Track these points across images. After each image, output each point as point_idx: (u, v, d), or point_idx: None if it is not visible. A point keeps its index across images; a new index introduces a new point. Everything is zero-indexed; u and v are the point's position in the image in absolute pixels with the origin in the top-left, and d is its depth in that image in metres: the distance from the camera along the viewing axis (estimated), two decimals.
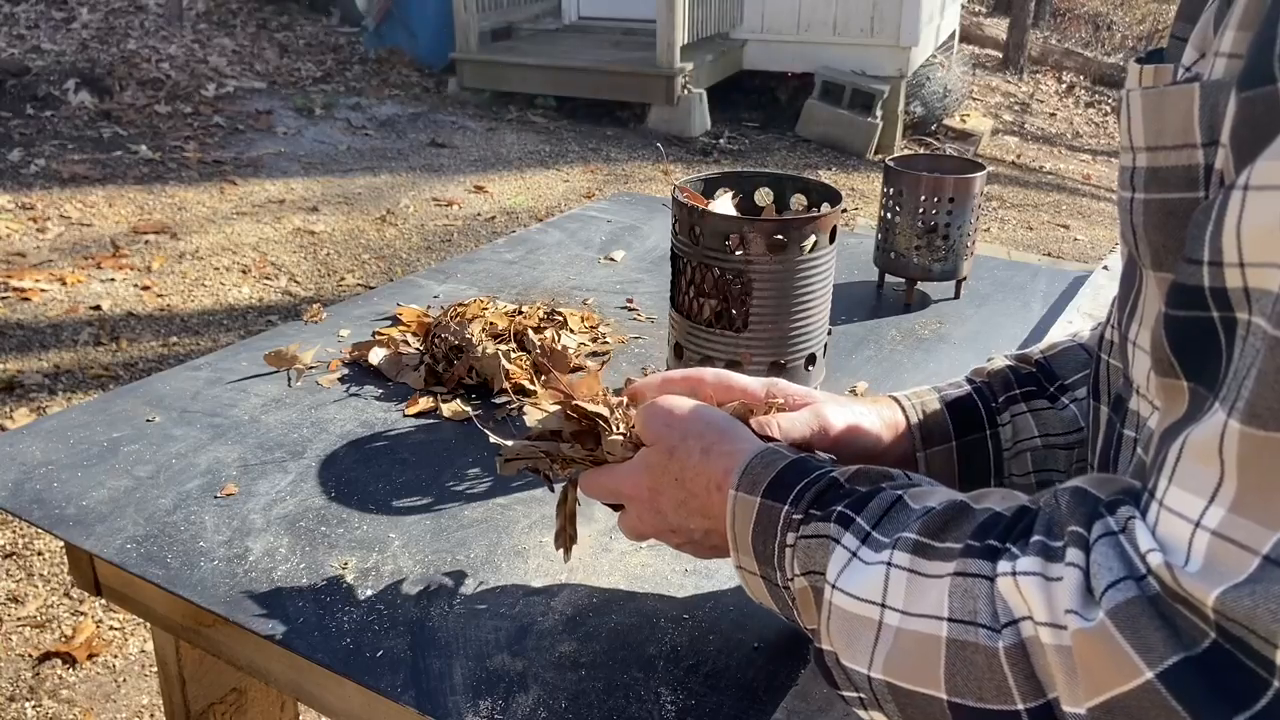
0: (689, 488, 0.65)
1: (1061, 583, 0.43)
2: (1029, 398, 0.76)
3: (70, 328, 3.45)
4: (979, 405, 0.76)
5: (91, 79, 5.90)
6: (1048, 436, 0.75)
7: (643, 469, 0.68)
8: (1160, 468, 0.42)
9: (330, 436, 1.05)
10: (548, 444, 0.76)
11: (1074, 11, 12.94)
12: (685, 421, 0.67)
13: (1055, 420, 0.75)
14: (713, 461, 0.64)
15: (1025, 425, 0.75)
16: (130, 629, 2.18)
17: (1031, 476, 0.76)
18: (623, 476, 0.71)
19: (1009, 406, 0.76)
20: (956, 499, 0.52)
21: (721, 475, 0.63)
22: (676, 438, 0.66)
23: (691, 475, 0.65)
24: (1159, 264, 0.45)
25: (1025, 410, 0.75)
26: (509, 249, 1.65)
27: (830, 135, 6.74)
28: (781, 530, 0.58)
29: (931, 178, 1.36)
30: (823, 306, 1.05)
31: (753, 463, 0.61)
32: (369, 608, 0.80)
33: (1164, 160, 0.44)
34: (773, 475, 0.60)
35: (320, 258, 4.21)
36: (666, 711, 0.70)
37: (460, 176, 5.42)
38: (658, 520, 0.69)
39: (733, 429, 0.66)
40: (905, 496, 0.54)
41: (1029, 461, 0.75)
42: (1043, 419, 0.75)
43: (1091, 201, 6.53)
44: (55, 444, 1.02)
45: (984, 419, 0.75)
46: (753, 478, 0.60)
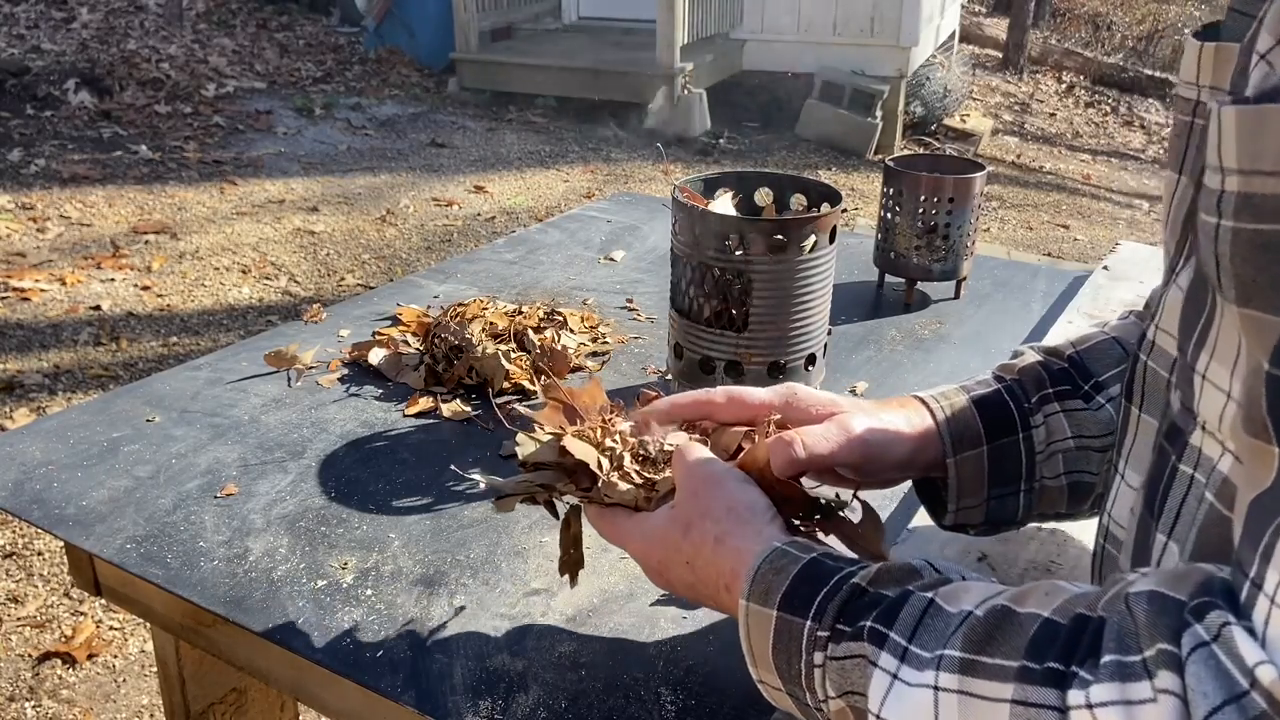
0: (699, 574, 0.61)
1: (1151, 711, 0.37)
2: (1062, 397, 0.72)
3: (70, 328, 3.45)
4: (1011, 406, 0.71)
5: (91, 79, 5.90)
6: (1082, 438, 0.71)
7: (656, 539, 0.64)
8: (1267, 556, 0.37)
9: (330, 436, 1.05)
10: (542, 475, 0.71)
11: (1074, 11, 12.94)
12: (709, 497, 0.61)
13: (1090, 421, 0.71)
14: (723, 556, 0.59)
15: (1059, 426, 0.71)
16: (130, 629, 2.18)
17: (1063, 478, 0.72)
18: (632, 536, 0.66)
19: (1042, 406, 0.72)
20: (996, 603, 0.46)
21: (730, 575, 0.59)
22: (696, 514, 0.61)
23: (702, 564, 0.61)
24: (1246, 299, 0.41)
25: (1059, 410, 0.72)
26: (509, 249, 1.65)
27: (830, 135, 6.74)
28: (807, 649, 0.52)
29: (931, 178, 1.36)
30: (823, 306, 1.05)
31: (762, 568, 0.56)
32: (369, 608, 0.80)
33: (1261, 187, 0.40)
34: (786, 584, 0.54)
35: (320, 258, 4.21)
36: (666, 711, 0.70)
37: (460, 176, 5.42)
38: (666, 587, 0.66)
39: (752, 515, 0.60)
40: (937, 599, 0.49)
41: (1061, 463, 0.72)
42: (1077, 419, 0.71)
43: (1091, 201, 6.53)
44: (55, 444, 1.02)
45: (1016, 420, 0.71)
46: (764, 586, 0.55)
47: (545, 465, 0.70)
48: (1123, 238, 5.41)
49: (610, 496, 0.67)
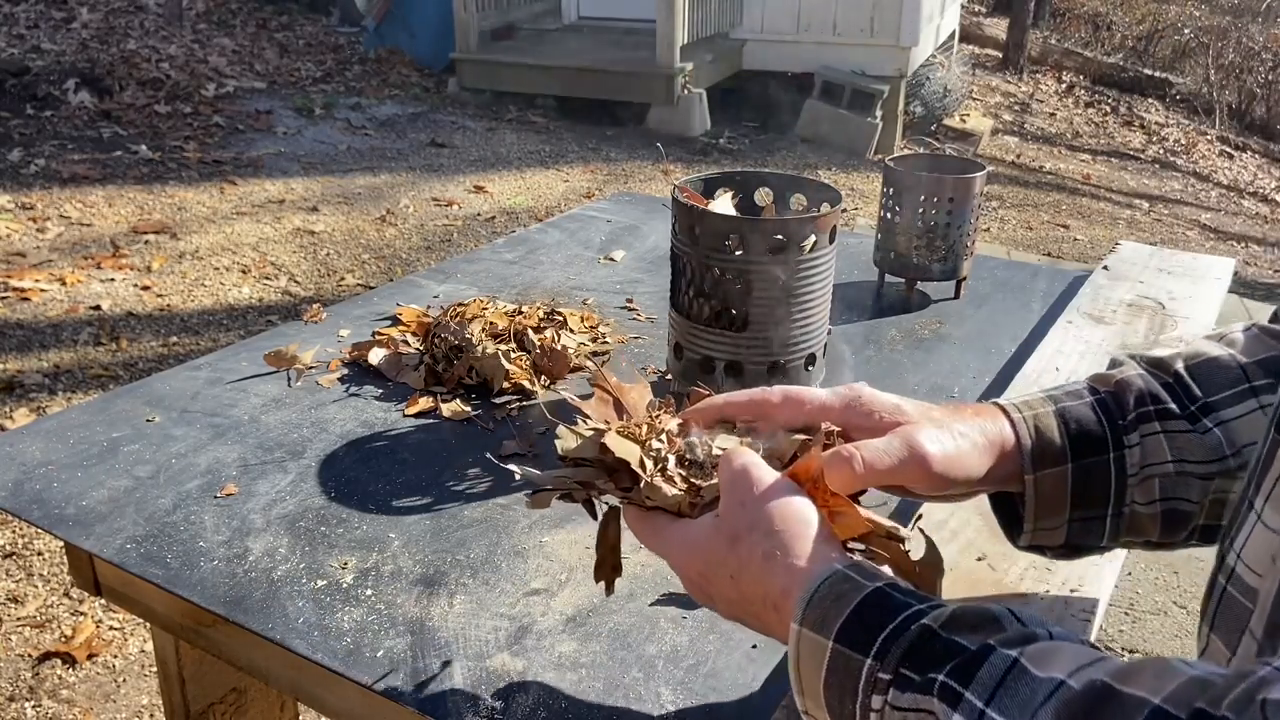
0: (743, 590, 0.57)
1: None
2: (1164, 416, 0.65)
3: (70, 328, 3.45)
4: (1102, 422, 0.65)
5: (91, 79, 5.90)
6: (1183, 463, 0.64)
7: (700, 549, 0.59)
8: None
9: (330, 436, 1.05)
10: (581, 472, 0.66)
11: (1074, 11, 12.94)
12: (758, 508, 0.56)
13: (1195, 446, 0.64)
14: (773, 574, 0.54)
15: (1156, 448, 0.64)
16: (130, 629, 2.18)
17: (1157, 505, 0.65)
18: (673, 543, 0.61)
19: (1139, 425, 0.64)
20: (1096, 678, 0.41)
21: (779, 594, 0.54)
22: (744, 525, 0.56)
23: (748, 580, 0.56)
24: None
25: (1159, 430, 0.64)
26: (509, 249, 1.65)
27: (830, 135, 6.74)
28: (865, 690, 0.48)
29: (931, 178, 1.36)
30: (823, 306, 1.05)
31: (819, 591, 0.51)
32: (369, 608, 0.80)
33: None
34: (847, 613, 0.49)
35: (320, 258, 4.21)
36: (666, 711, 0.70)
37: (460, 176, 5.42)
38: (706, 601, 0.61)
39: (806, 531, 0.55)
40: (1023, 660, 0.44)
41: (1156, 489, 0.64)
42: (1179, 443, 0.64)
43: (1091, 201, 6.53)
44: (55, 444, 1.02)
45: (1108, 439, 0.64)
46: (821, 613, 0.50)
47: (585, 461, 0.66)
48: (1123, 238, 5.42)
49: (652, 499, 0.63)
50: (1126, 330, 1.29)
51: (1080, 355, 1.21)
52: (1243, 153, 9.18)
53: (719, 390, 0.69)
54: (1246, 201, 7.60)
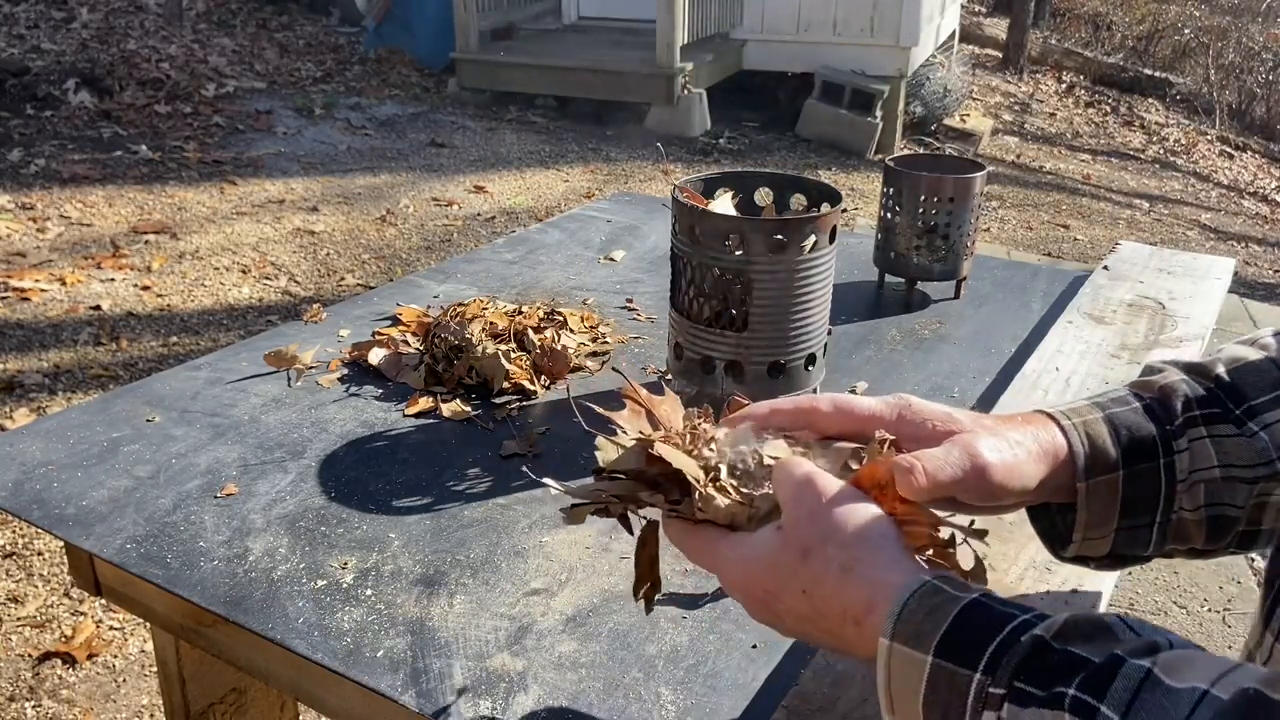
0: (818, 607, 0.54)
1: None
2: (1211, 421, 0.64)
3: (70, 328, 3.45)
4: (1152, 428, 0.64)
5: (91, 79, 5.90)
6: (1230, 467, 0.64)
7: (765, 564, 0.56)
8: None
9: (330, 436, 1.05)
10: (620, 485, 0.63)
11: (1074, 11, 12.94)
12: (830, 519, 0.54)
13: (1242, 449, 0.63)
14: (852, 586, 0.52)
15: (1204, 453, 0.64)
16: (130, 629, 2.18)
17: (1203, 511, 0.65)
18: (731, 560, 0.58)
19: (1187, 430, 0.64)
20: (1246, 686, 0.39)
21: (862, 609, 0.51)
22: (816, 538, 0.54)
23: (824, 595, 0.53)
24: None
25: (1205, 436, 0.64)
26: (509, 249, 1.65)
27: (830, 135, 6.74)
28: (974, 707, 0.45)
29: (931, 178, 1.36)
30: (823, 306, 1.05)
31: (910, 604, 0.49)
32: (369, 608, 0.80)
33: None
34: (945, 626, 0.47)
35: (320, 258, 4.21)
36: (666, 711, 0.70)
37: (460, 176, 5.42)
38: (771, 620, 0.58)
39: (884, 542, 0.53)
40: (1156, 670, 0.42)
41: (1202, 494, 0.64)
42: (1225, 447, 0.64)
43: (1091, 201, 6.53)
44: (55, 444, 1.02)
45: (1158, 445, 0.63)
46: (914, 627, 0.48)
47: (623, 474, 0.63)
48: (1123, 238, 5.42)
49: (705, 512, 0.60)
50: (1126, 330, 1.29)
51: (1080, 355, 1.21)
52: (1243, 153, 9.18)
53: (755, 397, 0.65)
54: (1246, 201, 7.61)
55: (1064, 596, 0.79)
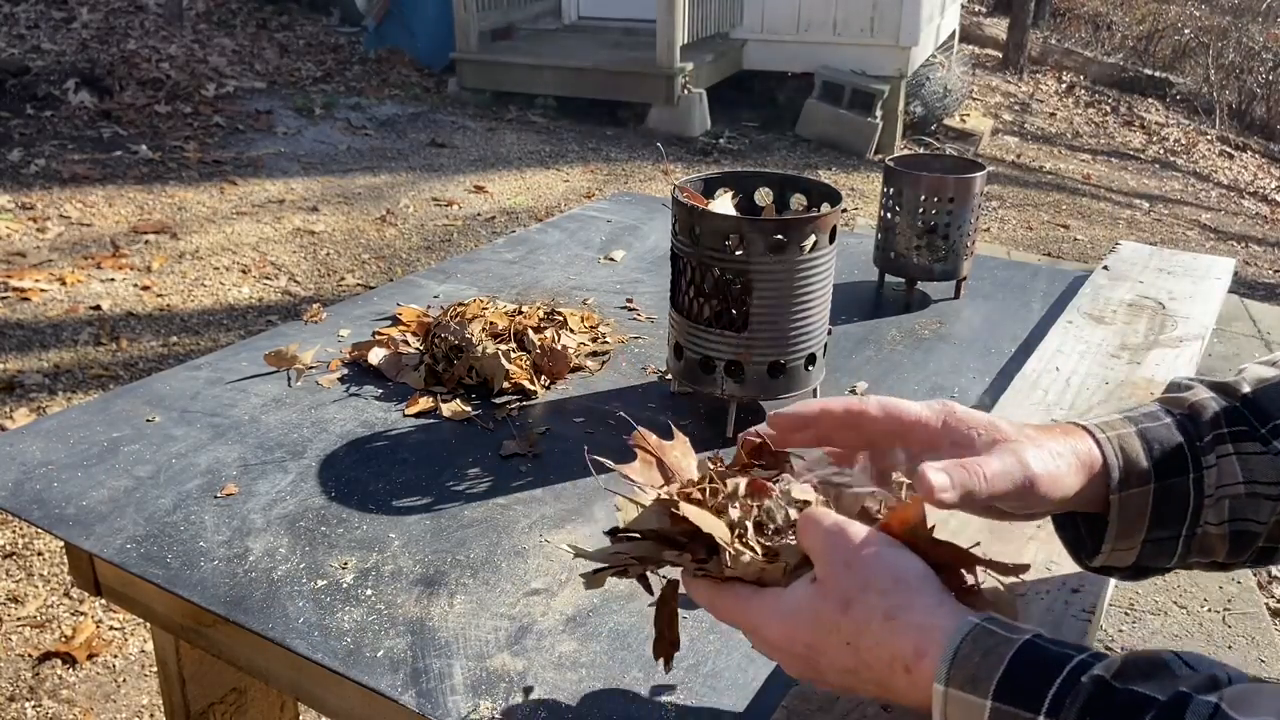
0: (864, 658, 0.53)
1: None
2: (1238, 438, 0.66)
3: (70, 328, 3.45)
4: (1184, 444, 0.66)
5: (91, 79, 5.90)
6: (1254, 484, 0.65)
7: (804, 619, 0.55)
8: None
9: (330, 436, 1.05)
10: (642, 547, 0.61)
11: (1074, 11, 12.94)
12: (867, 567, 0.53)
13: (1267, 467, 0.65)
14: (900, 633, 0.51)
15: (1230, 470, 0.66)
16: (130, 629, 2.18)
17: (1226, 526, 0.67)
18: (766, 616, 0.57)
19: (1215, 447, 0.66)
20: None
21: (913, 655, 0.51)
22: (856, 587, 0.53)
23: (870, 645, 0.53)
24: None
25: (1232, 452, 0.66)
26: (509, 249, 1.65)
27: (830, 135, 6.74)
28: None
29: (931, 178, 1.36)
30: (823, 306, 1.05)
31: (963, 648, 0.49)
32: (369, 608, 0.80)
33: None
34: (1003, 668, 0.47)
35: (320, 258, 4.21)
36: (666, 711, 0.70)
37: (460, 176, 5.42)
38: (814, 675, 0.57)
39: (924, 585, 0.53)
40: (1224, 707, 0.42)
41: (1226, 509, 0.66)
42: (1250, 464, 0.66)
43: (1091, 201, 6.53)
44: (55, 444, 1.02)
45: (1189, 460, 0.65)
46: (970, 671, 0.48)
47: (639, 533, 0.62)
48: (1123, 238, 5.42)
49: (733, 569, 0.58)
50: (1126, 330, 1.29)
51: (1080, 355, 1.21)
52: (1243, 153, 9.18)
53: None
54: (1246, 201, 7.61)
55: (1064, 596, 0.79)
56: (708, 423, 1.10)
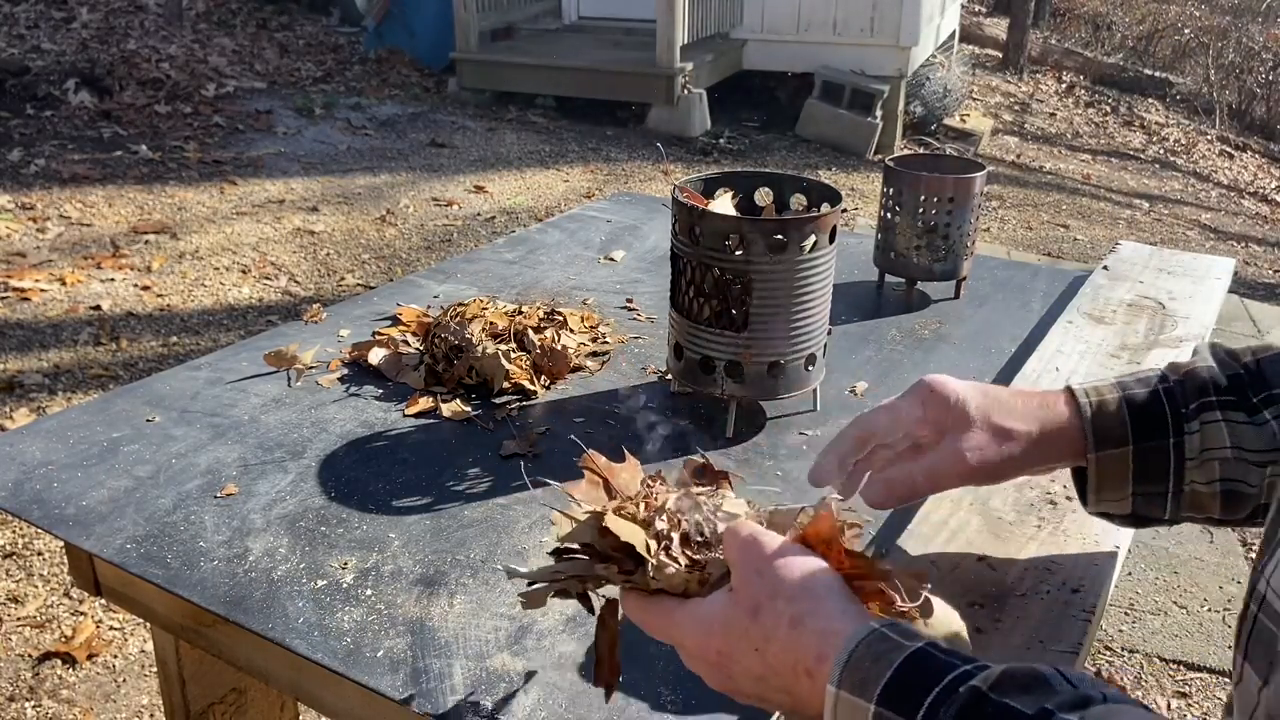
0: (770, 663, 0.54)
1: None
2: (1226, 406, 0.69)
3: (70, 328, 3.45)
4: (1165, 408, 0.70)
5: (91, 79, 5.90)
6: (1240, 450, 0.69)
7: (717, 626, 0.57)
8: None
9: (330, 436, 1.05)
10: (577, 565, 0.62)
11: (1074, 11, 12.94)
12: (777, 575, 0.55)
13: (1251, 435, 0.69)
14: (803, 638, 0.53)
15: (1216, 434, 0.69)
16: (130, 629, 2.18)
17: (1217, 485, 0.70)
18: (685, 626, 0.58)
19: (1200, 414, 0.69)
20: None
21: (813, 660, 0.52)
22: (765, 595, 0.54)
23: (776, 650, 0.54)
24: None
25: (1220, 419, 0.69)
26: (509, 249, 1.65)
27: (830, 135, 6.74)
28: None
29: (931, 178, 1.36)
30: (823, 306, 1.05)
31: (857, 652, 0.50)
32: (369, 608, 0.80)
33: None
34: (889, 674, 0.48)
35: (320, 258, 4.21)
36: (666, 712, 0.70)
37: (460, 176, 5.42)
38: (727, 684, 0.59)
39: (830, 593, 0.54)
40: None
41: (1216, 470, 0.69)
42: (1237, 431, 0.69)
43: (1091, 201, 6.53)
44: (55, 444, 1.02)
45: (1169, 424, 0.69)
46: (860, 675, 0.49)
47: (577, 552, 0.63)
48: (1123, 237, 5.42)
49: (658, 581, 0.59)
50: (1126, 330, 1.29)
51: (1080, 355, 1.21)
52: (1243, 153, 9.18)
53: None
54: (1246, 201, 7.61)
55: (1064, 596, 0.79)
56: (707, 423, 1.10)
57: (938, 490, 0.74)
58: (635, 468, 0.67)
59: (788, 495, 0.96)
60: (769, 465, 1.02)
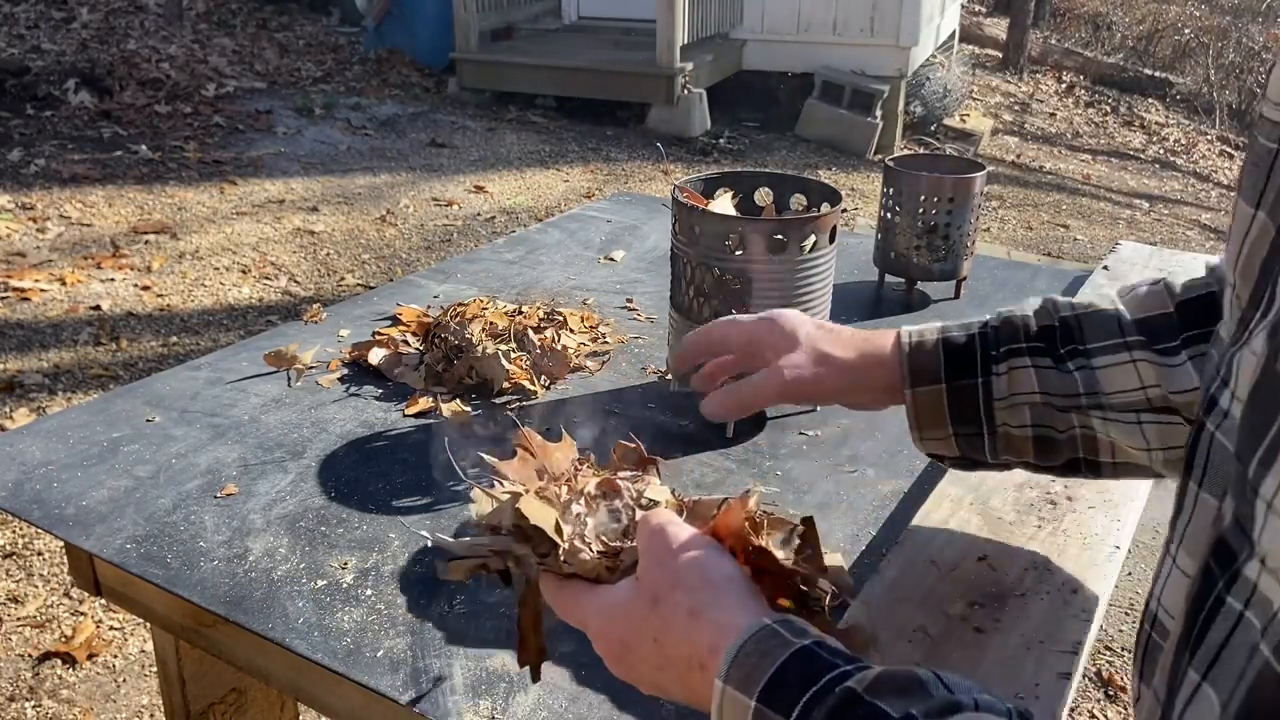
0: (667, 654, 0.55)
1: None
2: (1035, 353, 0.74)
3: (70, 328, 3.45)
4: (976, 351, 0.75)
5: (91, 79, 5.90)
6: (1048, 395, 0.73)
7: (619, 614, 0.57)
8: None
9: (330, 436, 1.05)
10: (499, 540, 0.62)
11: (1074, 11, 12.94)
12: (679, 566, 0.55)
13: (1056, 382, 0.73)
14: (699, 631, 0.53)
15: (1025, 380, 0.74)
16: (130, 629, 2.18)
17: (1029, 430, 0.74)
18: (591, 611, 0.59)
19: (1010, 358, 0.74)
20: None
21: (706, 652, 0.52)
22: (665, 584, 0.55)
23: (673, 641, 0.54)
24: None
25: (1029, 365, 0.74)
26: (509, 249, 1.65)
27: (830, 135, 6.74)
28: None
29: (931, 178, 1.36)
30: (823, 306, 1.05)
31: (745, 646, 0.50)
32: (369, 608, 0.80)
33: None
34: (771, 671, 0.48)
35: (320, 258, 4.21)
36: (666, 711, 0.70)
37: (460, 176, 5.42)
38: (629, 673, 0.59)
39: (730, 586, 0.54)
40: None
41: (1026, 414, 0.74)
42: (1044, 377, 0.74)
43: (1091, 201, 6.53)
44: (55, 444, 1.02)
45: (977, 365, 0.75)
46: (746, 670, 0.49)
47: (493, 528, 0.63)
48: (1123, 237, 5.42)
49: (570, 566, 0.60)
50: None
51: None
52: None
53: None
54: None
55: (1064, 596, 0.79)
56: (707, 423, 1.10)
57: (762, 404, 0.82)
58: (570, 447, 0.67)
59: (788, 495, 0.96)
60: (769, 465, 1.02)
